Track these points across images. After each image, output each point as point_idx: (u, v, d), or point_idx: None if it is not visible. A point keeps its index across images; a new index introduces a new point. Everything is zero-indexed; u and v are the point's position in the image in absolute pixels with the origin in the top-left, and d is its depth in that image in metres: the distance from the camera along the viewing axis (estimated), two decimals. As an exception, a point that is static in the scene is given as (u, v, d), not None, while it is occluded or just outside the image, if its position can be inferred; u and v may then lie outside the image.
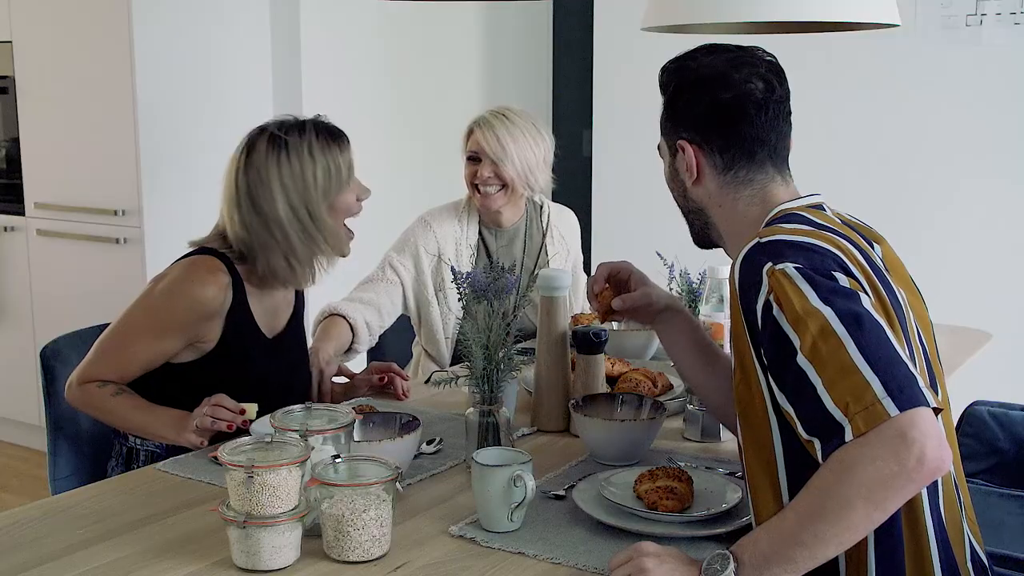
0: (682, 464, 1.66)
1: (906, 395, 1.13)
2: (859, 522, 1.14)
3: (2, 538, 1.44)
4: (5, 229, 4.07)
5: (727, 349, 2.21)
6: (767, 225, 1.37)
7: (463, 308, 1.74)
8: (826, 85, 3.69)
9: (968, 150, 3.62)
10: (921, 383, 1.15)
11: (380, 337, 2.69)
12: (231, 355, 1.90)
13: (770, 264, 1.24)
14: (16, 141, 4.00)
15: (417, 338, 2.69)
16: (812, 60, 3.43)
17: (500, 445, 1.63)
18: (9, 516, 1.51)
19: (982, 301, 3.46)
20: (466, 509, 1.53)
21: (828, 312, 1.18)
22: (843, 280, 1.23)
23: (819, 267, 1.23)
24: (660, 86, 1.50)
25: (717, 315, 2.26)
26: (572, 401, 1.81)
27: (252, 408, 1.76)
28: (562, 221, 2.78)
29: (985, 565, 1.39)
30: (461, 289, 1.71)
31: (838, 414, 1.15)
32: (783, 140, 1.45)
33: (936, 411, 1.14)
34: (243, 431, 1.73)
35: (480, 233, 2.63)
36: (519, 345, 2.42)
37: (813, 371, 1.18)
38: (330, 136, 1.94)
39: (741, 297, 1.28)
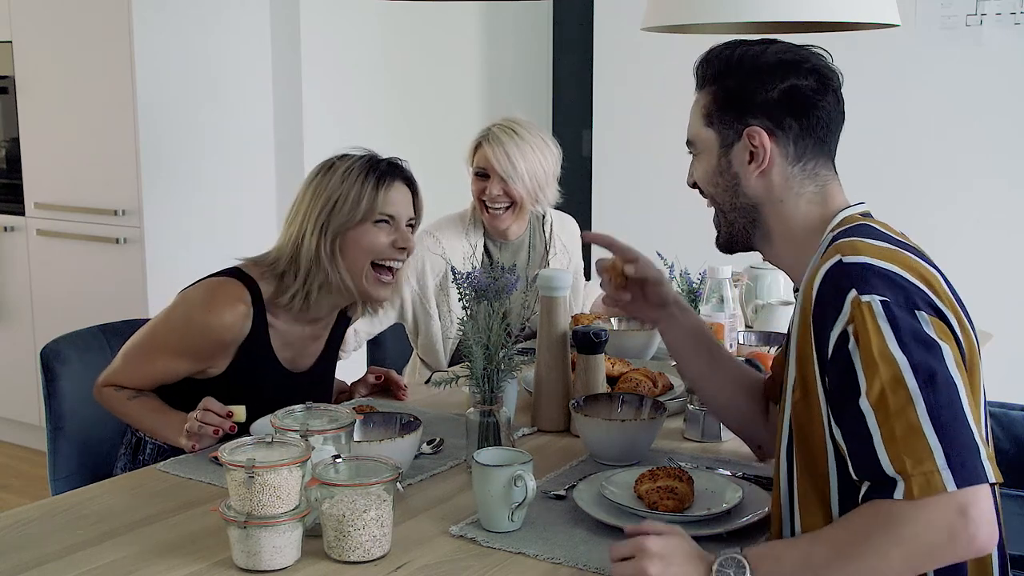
0: (682, 464, 1.66)
1: (968, 470, 1.11)
2: (890, 575, 1.14)
3: (2, 538, 1.44)
4: (5, 229, 4.07)
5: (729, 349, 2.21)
6: (838, 235, 1.32)
7: (464, 308, 1.74)
8: (826, 85, 3.68)
9: (968, 150, 3.62)
10: (984, 454, 1.13)
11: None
12: (243, 382, 1.88)
13: (855, 293, 1.19)
14: (16, 141, 4.00)
15: (414, 346, 2.68)
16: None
17: (500, 445, 1.63)
18: (9, 516, 1.51)
19: (982, 301, 3.45)
20: (466, 509, 1.53)
21: (903, 362, 1.15)
22: (927, 324, 1.18)
23: (905, 304, 1.18)
24: (713, 74, 1.42)
25: (717, 315, 2.27)
26: (572, 401, 1.81)
27: (240, 410, 1.75)
28: (564, 230, 2.76)
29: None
30: (461, 289, 1.71)
31: (891, 470, 1.13)
32: (839, 135, 1.42)
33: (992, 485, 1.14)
34: (232, 436, 1.72)
35: (485, 246, 2.62)
36: (519, 345, 2.42)
37: (874, 420, 1.15)
38: (372, 170, 1.90)
39: (815, 317, 1.24)
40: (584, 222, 4.45)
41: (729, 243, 1.48)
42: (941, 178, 3.67)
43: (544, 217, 2.71)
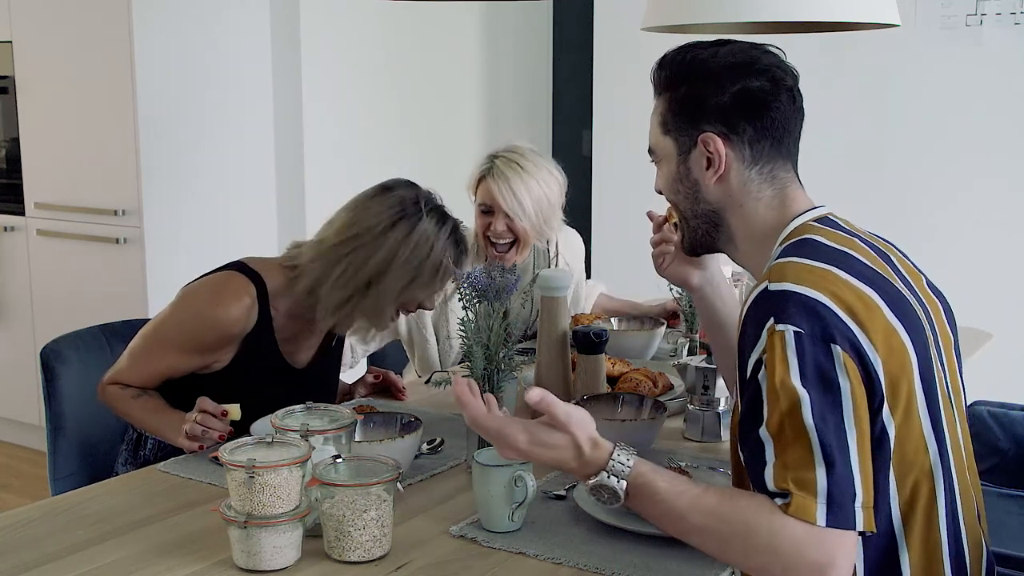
0: (682, 464, 1.66)
1: (842, 514, 1.14)
2: (732, 564, 1.24)
3: (2, 538, 1.44)
4: (5, 229, 4.07)
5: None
6: (782, 246, 1.32)
7: (464, 308, 1.74)
8: (825, 85, 3.69)
9: (967, 150, 3.62)
10: (860, 501, 1.15)
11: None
12: (247, 376, 1.89)
13: (772, 322, 1.20)
14: (16, 141, 4.00)
15: (411, 363, 2.64)
16: (811, 60, 3.43)
17: (500, 445, 1.63)
18: (9, 516, 1.51)
19: (982, 301, 3.46)
20: (467, 509, 1.53)
21: (803, 395, 1.16)
22: (838, 360, 1.17)
23: (821, 336, 1.18)
24: (666, 80, 1.41)
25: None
26: (572, 401, 1.81)
27: (235, 408, 1.75)
28: (568, 248, 2.72)
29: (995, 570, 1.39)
30: (461, 289, 1.71)
31: (775, 488, 1.17)
32: (799, 134, 1.41)
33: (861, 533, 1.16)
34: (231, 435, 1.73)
35: None
36: (519, 345, 2.42)
37: (772, 448, 1.18)
38: (450, 249, 1.90)
39: (740, 344, 1.25)
40: (584, 222, 4.45)
41: (692, 247, 1.48)
42: (941, 178, 3.67)
43: (549, 239, 2.66)
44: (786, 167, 1.39)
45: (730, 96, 1.35)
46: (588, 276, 2.90)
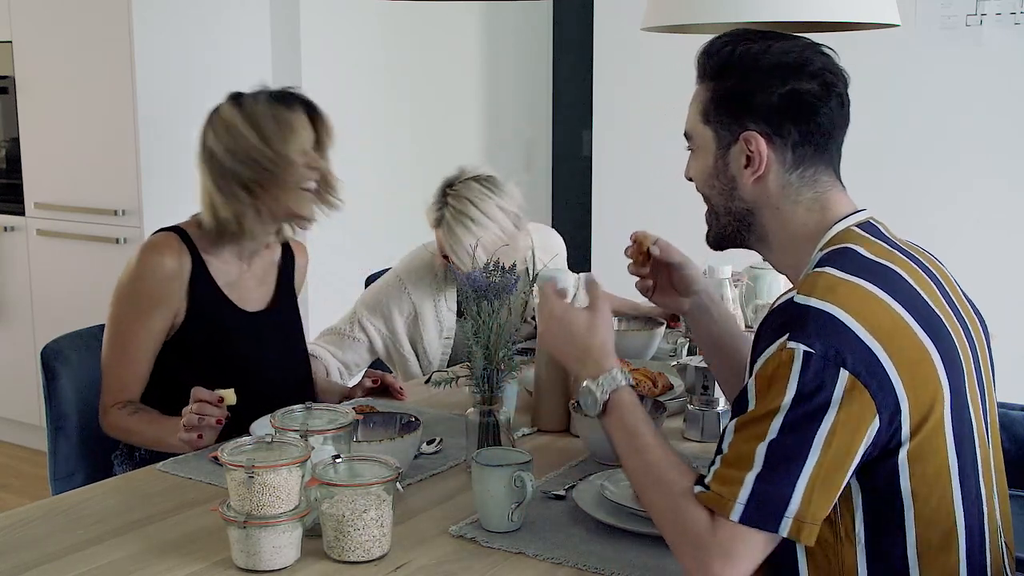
0: (682, 464, 1.66)
1: (760, 513, 1.14)
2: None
3: (2, 538, 1.44)
4: (5, 229, 4.07)
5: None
6: (821, 252, 1.29)
7: (463, 309, 1.73)
8: (826, 85, 3.68)
9: (968, 150, 3.62)
10: (793, 512, 1.14)
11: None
12: (205, 329, 1.94)
13: (786, 337, 1.16)
14: (16, 141, 4.00)
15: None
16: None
17: (500, 445, 1.63)
18: (9, 516, 1.51)
19: (982, 301, 3.45)
20: (466, 509, 1.53)
21: (784, 407, 1.14)
22: (841, 385, 1.14)
23: (834, 359, 1.14)
24: (712, 69, 1.35)
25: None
26: (572, 401, 1.81)
27: (229, 393, 1.75)
28: (547, 253, 2.68)
29: None
30: (461, 289, 1.71)
31: (706, 476, 1.20)
32: (843, 138, 1.37)
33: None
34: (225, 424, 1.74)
35: (458, 298, 2.53)
36: (519, 345, 2.42)
37: (729, 439, 1.19)
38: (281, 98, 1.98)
39: (755, 339, 1.24)
40: (584, 222, 4.45)
41: (719, 242, 1.43)
42: (941, 178, 3.67)
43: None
44: (828, 171, 1.35)
45: (778, 97, 1.30)
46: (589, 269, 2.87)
